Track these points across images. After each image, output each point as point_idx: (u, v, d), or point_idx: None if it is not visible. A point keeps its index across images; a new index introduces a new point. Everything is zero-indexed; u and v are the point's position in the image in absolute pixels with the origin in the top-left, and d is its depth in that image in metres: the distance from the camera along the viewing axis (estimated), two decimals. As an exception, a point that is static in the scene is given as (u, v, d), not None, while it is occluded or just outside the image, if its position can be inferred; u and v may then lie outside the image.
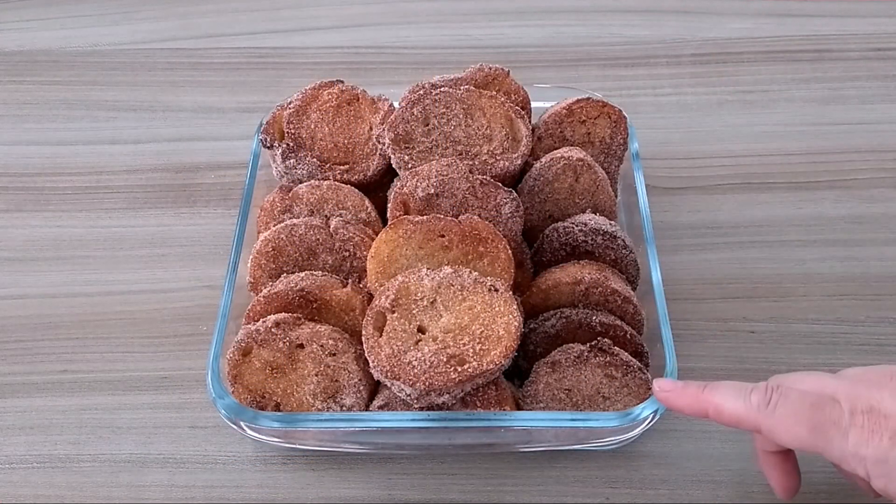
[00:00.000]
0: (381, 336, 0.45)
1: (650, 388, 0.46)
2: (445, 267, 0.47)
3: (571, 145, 0.56)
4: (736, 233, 0.62)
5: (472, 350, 0.44)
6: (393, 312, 0.45)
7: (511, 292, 0.46)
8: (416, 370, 0.43)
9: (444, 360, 0.43)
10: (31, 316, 0.57)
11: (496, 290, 0.46)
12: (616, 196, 0.58)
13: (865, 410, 0.37)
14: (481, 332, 0.44)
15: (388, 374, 0.44)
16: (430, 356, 0.44)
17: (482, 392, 0.45)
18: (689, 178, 0.66)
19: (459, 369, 0.43)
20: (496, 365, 0.43)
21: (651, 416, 0.44)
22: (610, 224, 0.52)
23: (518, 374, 0.50)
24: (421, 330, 0.45)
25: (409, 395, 0.44)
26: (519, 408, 0.47)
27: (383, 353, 0.44)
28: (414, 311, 0.46)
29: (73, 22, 0.83)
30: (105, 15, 0.83)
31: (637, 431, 0.46)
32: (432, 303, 0.46)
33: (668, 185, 0.65)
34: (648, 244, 0.52)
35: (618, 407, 0.46)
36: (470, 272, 0.46)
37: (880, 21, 0.80)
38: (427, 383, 0.43)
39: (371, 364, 0.45)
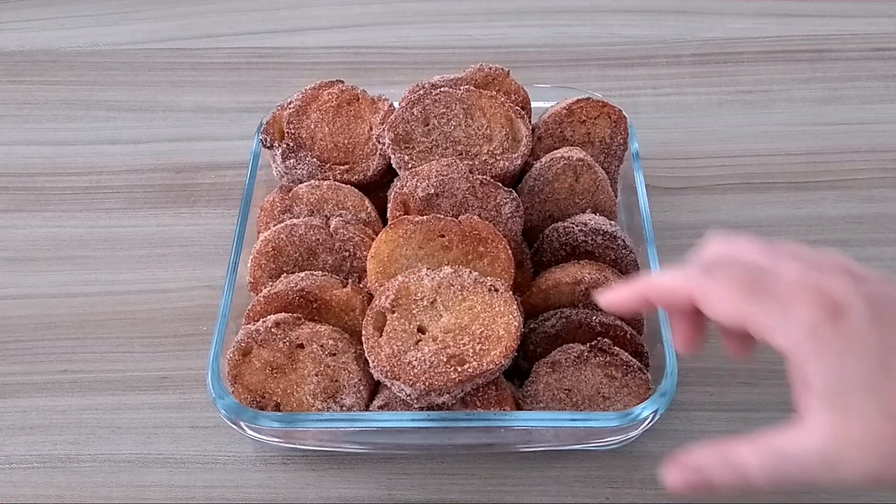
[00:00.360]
0: (381, 336, 0.45)
1: (650, 388, 0.46)
2: (445, 267, 0.47)
3: (571, 145, 0.56)
4: (736, 233, 0.62)
5: (471, 350, 0.44)
6: (393, 312, 0.45)
7: (511, 292, 0.46)
8: (415, 370, 0.43)
9: (444, 360, 0.43)
10: (31, 316, 0.57)
11: (496, 290, 0.46)
12: (616, 196, 0.58)
13: (808, 287, 0.35)
14: (481, 332, 0.44)
15: (388, 374, 0.43)
16: (430, 356, 0.44)
17: (482, 392, 0.45)
18: (689, 178, 0.66)
19: (459, 369, 0.43)
20: (496, 365, 0.43)
21: (651, 416, 0.44)
22: (610, 224, 0.52)
23: (518, 374, 0.50)
24: (421, 330, 0.45)
25: (409, 395, 0.44)
26: (519, 408, 0.47)
27: (383, 353, 0.44)
28: (414, 311, 0.45)
29: (73, 22, 0.83)
30: (105, 15, 0.83)
31: (637, 431, 0.46)
32: (432, 303, 0.46)
33: (668, 185, 0.65)
34: (648, 244, 0.52)
35: (618, 407, 0.46)
36: (470, 272, 0.46)
37: (880, 21, 0.80)
38: (427, 383, 0.43)
39: (371, 364, 0.44)
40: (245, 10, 0.84)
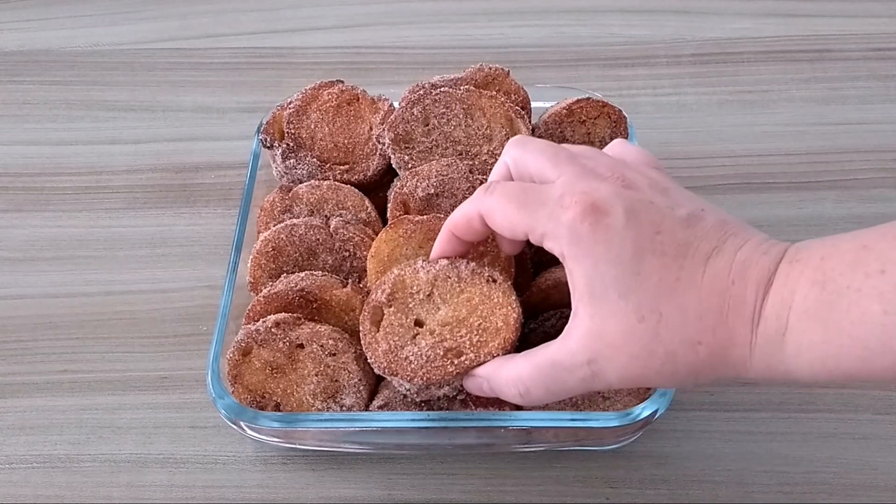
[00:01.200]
0: (378, 331, 0.44)
1: (650, 388, 0.46)
2: (442, 259, 0.46)
3: (571, 145, 0.56)
4: None
5: (468, 342, 0.43)
6: (390, 307, 0.45)
7: (510, 282, 0.45)
8: (413, 365, 0.43)
9: (441, 353, 0.43)
10: (31, 316, 0.57)
11: (494, 281, 0.45)
12: (616, 196, 0.58)
13: (573, 192, 0.37)
14: (479, 323, 0.44)
15: (387, 369, 0.43)
16: (427, 350, 0.43)
17: (482, 392, 0.46)
18: (689, 178, 0.66)
19: (456, 362, 0.43)
20: (494, 357, 0.43)
21: (651, 416, 0.44)
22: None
23: (518, 374, 0.50)
24: (418, 323, 0.45)
25: (409, 390, 0.44)
26: (519, 408, 0.47)
27: (380, 349, 0.44)
28: (410, 305, 0.45)
29: (73, 22, 0.83)
30: (105, 15, 0.83)
31: (637, 432, 0.46)
32: (429, 296, 0.45)
33: (668, 185, 0.65)
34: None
35: (618, 407, 0.46)
36: (467, 263, 0.45)
37: (880, 21, 0.80)
38: (424, 378, 0.42)
39: (369, 360, 0.44)
40: (245, 10, 0.84)
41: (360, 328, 0.45)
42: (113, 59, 0.78)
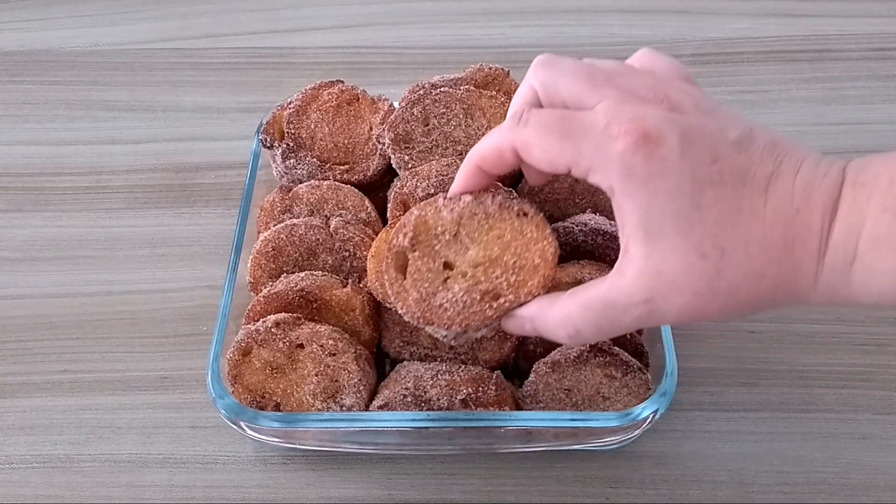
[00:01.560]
0: (405, 279, 0.41)
1: (650, 388, 0.46)
2: (465, 195, 0.42)
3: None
4: None
5: (506, 283, 0.40)
6: (414, 251, 0.42)
7: (542, 215, 0.42)
8: (449, 313, 0.40)
9: (478, 297, 0.40)
10: (31, 316, 0.57)
11: (525, 215, 0.41)
12: (616, 196, 0.58)
13: (620, 120, 0.34)
14: (514, 262, 0.41)
15: (420, 319, 0.41)
16: (462, 295, 0.40)
17: (482, 392, 0.45)
18: (689, 178, 0.66)
19: (495, 305, 0.40)
20: (535, 296, 0.40)
21: (651, 416, 0.44)
22: (610, 224, 0.52)
23: (518, 374, 0.50)
24: (448, 266, 0.42)
25: (445, 336, 0.42)
26: (519, 408, 0.47)
27: (411, 298, 0.41)
28: (437, 247, 0.42)
29: (73, 22, 0.83)
30: (105, 15, 0.83)
31: (637, 431, 0.46)
32: (455, 236, 0.42)
33: (668, 185, 0.65)
34: (648, 244, 0.52)
35: (618, 407, 0.46)
36: (493, 196, 0.42)
37: (880, 21, 0.80)
38: (463, 324, 0.40)
39: (400, 310, 0.41)
40: (245, 10, 0.84)
41: (385, 277, 0.42)
42: (113, 59, 0.78)
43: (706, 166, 0.33)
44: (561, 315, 0.37)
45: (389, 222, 0.49)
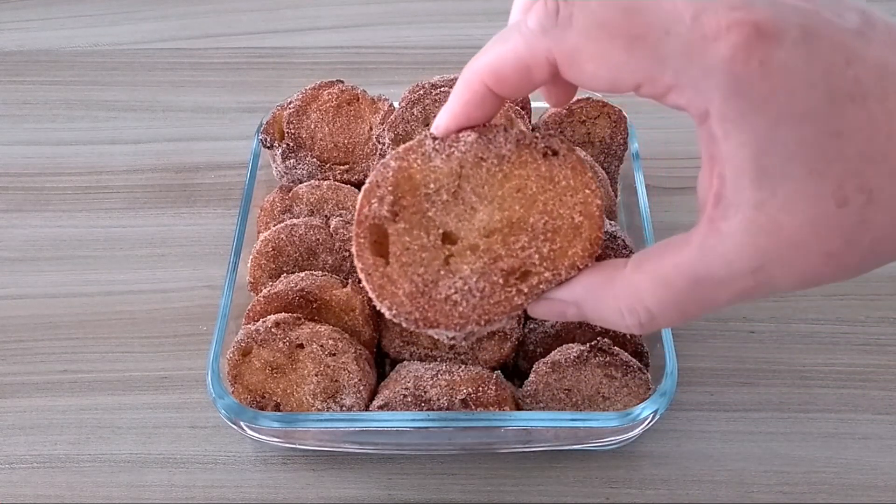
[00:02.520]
0: (386, 265, 0.30)
1: (650, 388, 0.46)
2: (466, 132, 0.31)
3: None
4: None
5: (537, 254, 0.29)
6: (396, 222, 0.30)
7: (578, 152, 0.31)
8: (460, 307, 0.29)
9: (499, 280, 0.29)
10: (31, 316, 0.57)
11: (555, 154, 0.31)
12: (616, 196, 0.58)
13: (720, 10, 0.24)
14: (545, 223, 0.30)
15: (420, 321, 0.30)
16: (476, 280, 0.29)
17: (482, 392, 0.45)
18: (689, 178, 0.65)
19: (525, 288, 0.29)
20: (580, 270, 0.29)
21: (651, 416, 0.44)
22: (610, 224, 0.52)
23: (518, 374, 0.50)
24: (449, 239, 0.30)
25: (455, 338, 0.31)
26: (519, 408, 0.47)
27: (401, 293, 0.29)
28: (430, 213, 0.30)
29: (73, 22, 0.83)
30: (105, 15, 0.83)
31: (637, 431, 0.46)
32: (455, 194, 0.30)
33: (668, 185, 0.65)
34: (648, 244, 0.52)
35: (618, 407, 0.46)
36: (506, 130, 0.31)
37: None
38: (483, 321, 0.29)
39: (386, 311, 0.30)
40: (245, 10, 0.84)
41: (358, 264, 0.30)
42: (113, 59, 0.78)
43: (841, 72, 0.24)
44: (626, 296, 0.28)
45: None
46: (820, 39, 0.24)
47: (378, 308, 0.30)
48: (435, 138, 0.31)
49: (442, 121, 0.31)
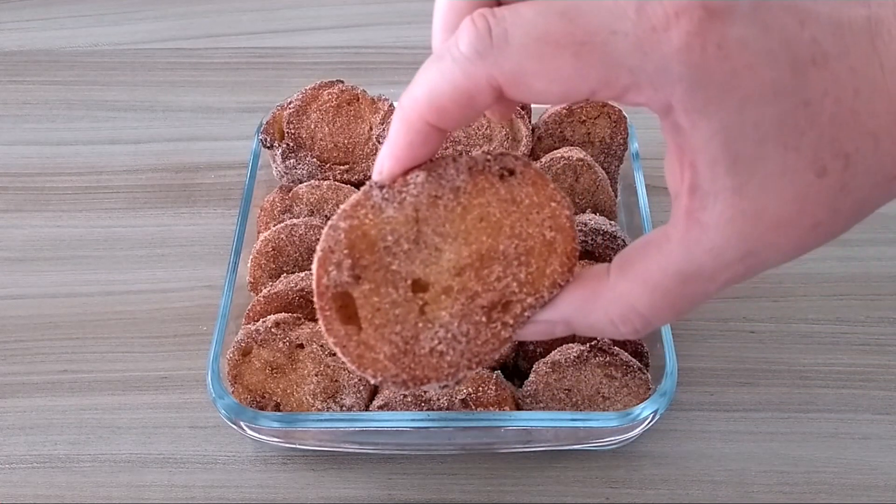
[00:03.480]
0: (360, 331, 0.29)
1: (650, 388, 0.46)
2: (414, 173, 0.29)
3: (571, 145, 0.56)
4: None
5: (514, 281, 0.28)
6: (360, 284, 0.29)
7: (535, 166, 0.30)
8: (448, 357, 0.28)
9: (482, 318, 0.28)
10: (31, 316, 0.57)
11: (511, 173, 0.29)
12: (616, 196, 0.58)
13: None
14: (515, 246, 0.29)
15: (409, 381, 0.28)
16: (457, 324, 0.28)
17: (482, 392, 0.45)
18: (689, 178, 0.66)
19: (510, 319, 0.28)
20: (562, 286, 0.28)
21: (651, 416, 0.44)
22: (610, 224, 0.52)
23: (518, 374, 0.50)
24: (420, 287, 0.29)
25: (447, 386, 0.30)
26: (519, 408, 0.47)
27: (382, 356, 0.28)
28: (393, 266, 0.29)
29: (73, 22, 0.83)
30: (105, 15, 0.83)
31: (637, 431, 0.46)
32: (416, 240, 0.29)
33: (668, 185, 0.65)
34: (648, 244, 0.52)
35: (618, 407, 0.46)
36: (455, 160, 0.29)
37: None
38: (474, 365, 0.28)
39: (372, 379, 0.29)
40: (245, 10, 0.84)
41: (330, 339, 0.30)
42: (113, 59, 0.78)
43: (797, 35, 0.23)
44: (617, 306, 0.27)
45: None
46: (770, 6, 0.23)
47: (361, 376, 0.29)
48: (381, 186, 0.29)
49: (385, 167, 0.28)
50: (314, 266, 0.29)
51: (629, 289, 0.26)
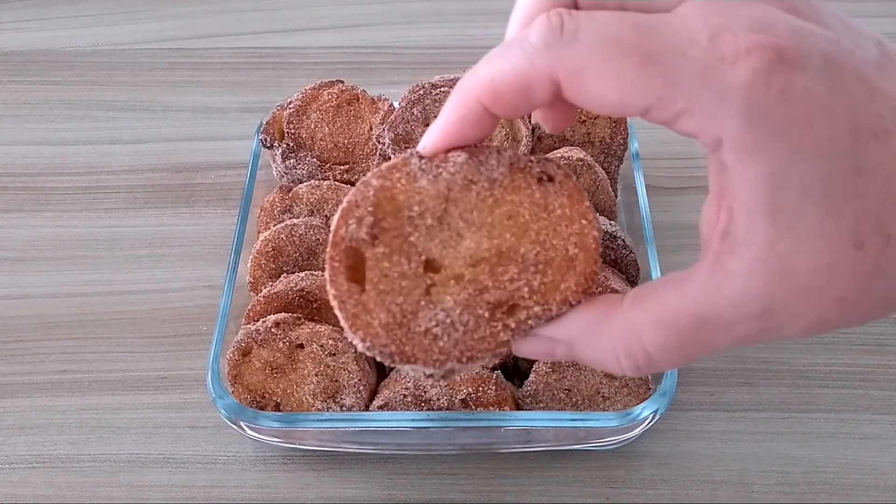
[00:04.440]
0: (362, 292, 0.28)
1: (650, 388, 0.46)
2: (456, 152, 0.29)
3: (571, 145, 0.56)
4: None
5: (526, 287, 0.28)
6: (375, 245, 0.28)
7: (575, 180, 0.29)
8: (441, 342, 0.27)
9: (485, 313, 0.27)
10: (31, 316, 0.57)
11: (551, 180, 0.29)
12: (616, 196, 0.58)
13: (739, 32, 0.22)
14: (536, 254, 0.28)
15: (396, 355, 0.27)
16: (459, 312, 0.27)
17: (482, 392, 0.45)
18: (689, 178, 0.66)
19: (512, 323, 0.27)
20: (572, 306, 0.28)
21: (651, 416, 0.44)
22: (610, 224, 0.52)
23: (518, 374, 0.50)
24: (432, 267, 0.28)
25: (433, 375, 0.29)
26: (519, 408, 0.47)
27: (377, 323, 0.27)
28: (412, 238, 0.28)
29: (73, 22, 0.83)
30: (105, 15, 0.83)
31: (637, 431, 0.46)
32: (441, 218, 0.28)
33: (668, 185, 0.65)
34: (648, 244, 0.52)
35: (618, 407, 0.46)
36: (499, 153, 0.29)
37: (880, 21, 0.80)
38: (465, 358, 0.27)
39: (359, 344, 0.28)
40: (245, 10, 0.84)
41: (330, 290, 0.28)
42: (113, 59, 0.78)
43: (863, 105, 0.22)
44: (623, 337, 0.26)
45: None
46: (842, 70, 0.23)
47: (350, 339, 0.28)
48: (422, 157, 0.29)
49: (431, 139, 0.29)
50: (335, 216, 0.29)
51: (640, 320, 0.25)
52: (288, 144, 0.56)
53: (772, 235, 0.23)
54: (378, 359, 0.28)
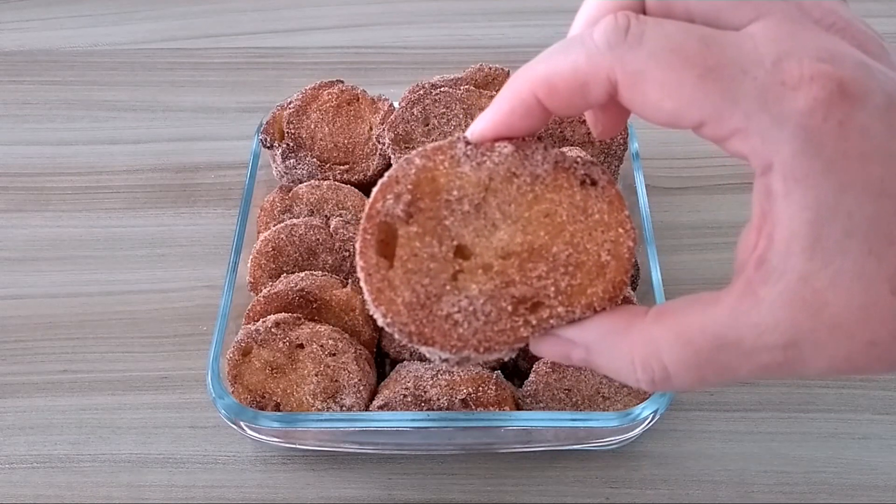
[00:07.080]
0: (390, 268, 0.28)
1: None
2: (502, 143, 0.29)
3: (571, 145, 0.56)
4: (736, 233, 0.60)
5: (553, 287, 0.27)
6: (410, 224, 0.28)
7: (617, 187, 0.29)
8: (460, 329, 0.27)
9: (508, 307, 0.27)
10: (31, 316, 0.57)
11: (594, 184, 0.29)
12: (616, 196, 0.58)
13: (805, 59, 0.22)
14: (568, 255, 0.28)
15: (415, 335, 0.28)
16: (483, 302, 0.27)
17: (482, 392, 0.45)
18: (689, 178, 0.66)
19: (533, 320, 0.27)
20: (596, 312, 0.28)
21: (651, 416, 0.44)
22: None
23: (518, 374, 0.50)
24: (462, 254, 0.28)
25: (448, 359, 0.29)
26: (519, 408, 0.47)
27: (400, 300, 0.28)
28: (447, 221, 0.28)
29: (73, 22, 0.83)
30: (105, 15, 0.83)
31: (637, 431, 0.46)
32: (479, 206, 0.28)
33: (668, 185, 0.65)
34: (648, 244, 0.52)
35: (618, 407, 0.46)
36: (545, 149, 0.29)
37: (880, 21, 0.80)
38: (482, 347, 0.27)
39: (380, 318, 0.28)
40: (245, 10, 0.84)
41: (359, 262, 0.28)
42: (113, 59, 0.78)
43: None
44: (642, 348, 0.25)
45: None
46: None
47: (371, 313, 0.28)
48: (468, 143, 0.29)
49: (480, 126, 0.28)
50: (374, 189, 0.29)
51: (662, 335, 0.25)
52: (288, 144, 0.56)
53: (808, 269, 0.22)
54: (396, 336, 0.28)
